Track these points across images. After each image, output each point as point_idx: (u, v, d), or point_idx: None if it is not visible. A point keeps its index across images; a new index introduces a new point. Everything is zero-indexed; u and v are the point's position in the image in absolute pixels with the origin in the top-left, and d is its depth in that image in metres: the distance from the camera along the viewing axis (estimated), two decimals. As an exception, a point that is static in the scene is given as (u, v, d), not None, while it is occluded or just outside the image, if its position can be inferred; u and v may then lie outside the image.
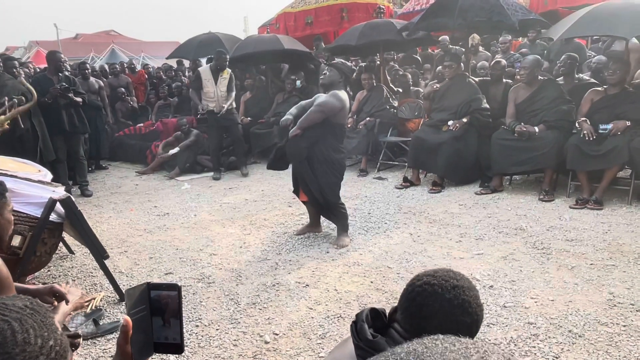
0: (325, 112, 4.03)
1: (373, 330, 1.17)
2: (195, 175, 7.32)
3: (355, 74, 7.80)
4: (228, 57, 7.02)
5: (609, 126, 4.73)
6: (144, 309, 1.07)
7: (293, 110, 4.22)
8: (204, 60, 9.66)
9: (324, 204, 4.23)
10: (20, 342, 0.79)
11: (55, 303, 2.00)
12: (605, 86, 5.03)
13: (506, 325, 2.81)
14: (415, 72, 8.44)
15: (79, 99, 6.18)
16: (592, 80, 5.69)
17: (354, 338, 1.17)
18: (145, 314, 1.07)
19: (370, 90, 7.01)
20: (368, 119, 6.78)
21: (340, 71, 4.17)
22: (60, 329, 0.88)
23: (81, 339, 2.33)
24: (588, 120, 4.87)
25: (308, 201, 4.36)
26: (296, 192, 4.47)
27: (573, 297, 3.08)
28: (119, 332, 1.03)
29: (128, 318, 1.02)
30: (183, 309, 3.25)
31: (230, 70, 7.02)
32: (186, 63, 12.20)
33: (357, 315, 1.21)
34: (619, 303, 2.97)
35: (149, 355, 1.10)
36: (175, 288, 1.07)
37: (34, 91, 4.57)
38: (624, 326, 2.73)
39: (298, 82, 8.01)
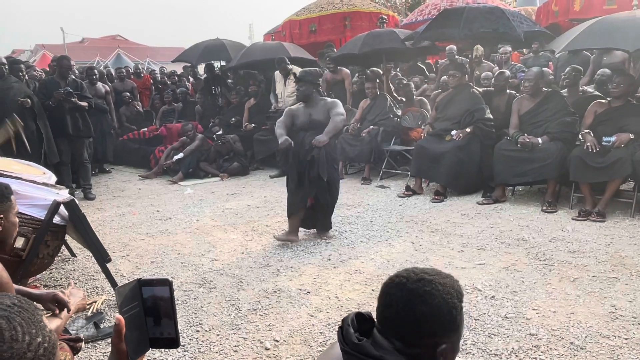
0: (345, 118, 4.52)
1: (359, 334, 1.17)
2: (198, 180, 7.34)
3: (356, 85, 7.86)
4: (287, 62, 7.34)
5: (613, 138, 4.74)
6: (137, 305, 1.06)
7: (282, 131, 4.37)
8: (201, 67, 9.78)
9: (328, 202, 4.47)
10: (8, 339, 0.80)
11: (57, 311, 2.01)
12: (609, 98, 5.04)
13: (507, 336, 2.80)
14: (420, 81, 8.47)
15: (84, 104, 6.21)
16: (596, 92, 5.69)
17: (340, 343, 1.17)
18: (138, 310, 1.06)
19: (373, 99, 7.04)
20: (371, 127, 6.80)
21: (310, 83, 4.39)
22: (48, 327, 0.89)
23: (83, 343, 2.33)
24: (591, 132, 4.88)
25: (314, 203, 4.50)
26: (302, 201, 4.45)
27: (575, 309, 3.08)
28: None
29: (120, 317, 1.01)
30: (184, 314, 3.26)
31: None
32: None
33: (343, 320, 1.21)
34: (621, 316, 2.96)
35: (144, 352, 1.09)
36: (167, 283, 1.07)
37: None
38: (626, 339, 2.72)
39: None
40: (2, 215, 1.93)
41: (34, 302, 0.93)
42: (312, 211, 4.54)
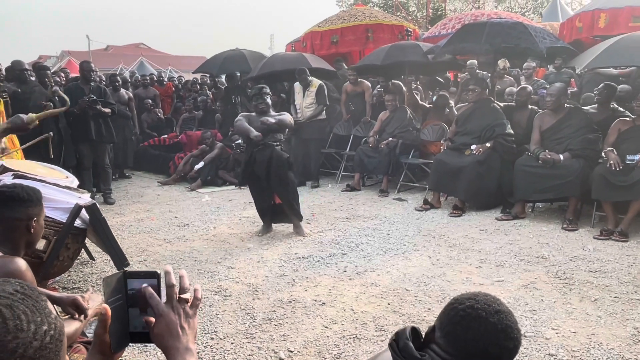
0: (293, 121, 5.40)
1: None
2: (216, 188, 7.39)
3: (375, 98, 7.88)
4: (308, 72, 7.35)
5: (637, 157, 4.65)
6: (120, 298, 1.04)
7: (249, 126, 4.93)
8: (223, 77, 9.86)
9: (289, 197, 4.95)
10: (12, 329, 0.77)
11: (76, 315, 2.03)
12: (633, 116, 4.96)
13: (526, 356, 2.74)
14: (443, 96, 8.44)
15: (107, 110, 6.32)
16: (628, 112, 5.54)
17: (397, 357, 1.17)
18: (122, 303, 1.04)
19: (393, 111, 7.03)
20: (390, 139, 6.79)
21: (269, 95, 5.16)
22: (54, 313, 0.85)
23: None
24: (615, 150, 4.79)
25: (282, 202, 4.99)
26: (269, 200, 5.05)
27: (596, 330, 3.01)
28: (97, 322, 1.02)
29: (107, 306, 0.99)
30: (199, 322, 3.25)
31: (320, 83, 7.32)
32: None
33: (398, 334, 1.21)
34: (644, 339, 2.88)
35: (125, 345, 1.07)
36: (155, 276, 1.05)
37: (68, 100, 4.78)
38: (649, 363, 2.65)
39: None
40: (35, 219, 1.97)
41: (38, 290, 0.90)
42: (281, 208, 5.08)
